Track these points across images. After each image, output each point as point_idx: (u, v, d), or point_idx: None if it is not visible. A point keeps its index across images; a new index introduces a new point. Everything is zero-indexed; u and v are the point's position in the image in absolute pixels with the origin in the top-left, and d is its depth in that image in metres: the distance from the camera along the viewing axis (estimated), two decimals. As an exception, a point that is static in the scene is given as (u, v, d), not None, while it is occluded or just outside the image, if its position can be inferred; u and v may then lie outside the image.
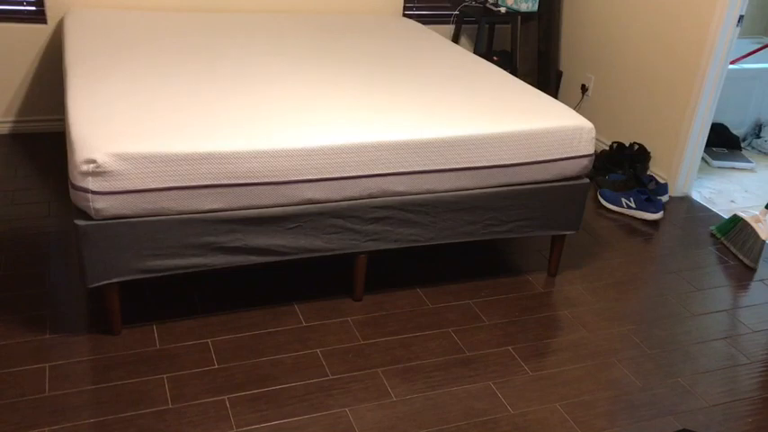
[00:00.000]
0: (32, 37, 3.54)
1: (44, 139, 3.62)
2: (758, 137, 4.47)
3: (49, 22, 3.54)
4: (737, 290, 2.87)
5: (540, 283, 2.76)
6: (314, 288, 2.59)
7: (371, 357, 2.27)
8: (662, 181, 3.61)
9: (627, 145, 3.76)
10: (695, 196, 3.68)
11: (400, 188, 2.36)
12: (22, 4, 3.49)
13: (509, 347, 2.38)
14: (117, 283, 2.15)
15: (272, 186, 2.19)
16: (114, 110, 2.24)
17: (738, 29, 3.31)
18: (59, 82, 3.62)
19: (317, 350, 2.27)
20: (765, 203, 3.18)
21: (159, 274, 2.17)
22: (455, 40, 4.31)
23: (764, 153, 4.38)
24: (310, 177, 2.22)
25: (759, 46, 4.57)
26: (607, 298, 2.72)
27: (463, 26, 4.35)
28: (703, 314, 2.68)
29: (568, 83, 4.35)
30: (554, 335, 2.47)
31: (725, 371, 2.37)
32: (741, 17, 3.28)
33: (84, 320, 2.31)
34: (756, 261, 3.04)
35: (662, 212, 3.38)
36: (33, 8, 3.51)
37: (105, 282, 2.12)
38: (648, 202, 3.36)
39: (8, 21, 3.48)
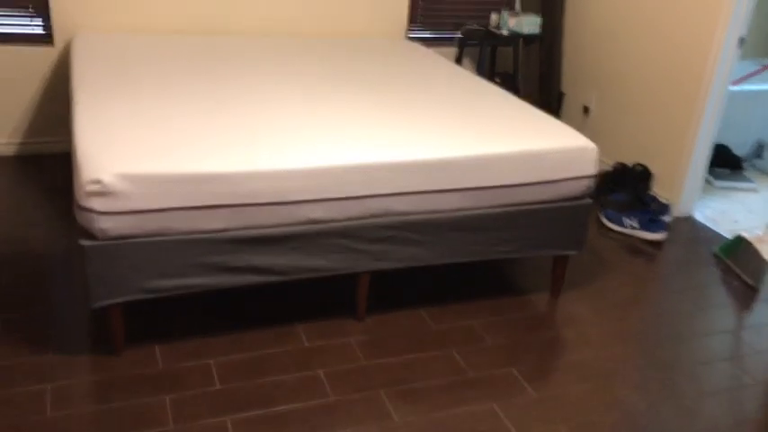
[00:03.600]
0: (40, 59, 3.58)
1: (50, 160, 3.64)
2: (760, 157, 4.48)
3: (56, 44, 3.58)
4: (741, 310, 2.86)
5: (543, 304, 2.75)
6: (316, 308, 2.58)
7: (374, 378, 2.26)
8: (665, 201, 3.61)
9: (629, 165, 3.77)
10: (698, 216, 3.68)
11: (403, 208, 2.37)
12: (29, 27, 3.54)
13: (512, 368, 2.37)
14: (120, 303, 2.15)
15: (276, 206, 2.20)
16: (120, 131, 2.26)
17: (739, 51, 3.33)
18: (66, 103, 3.65)
19: (320, 371, 2.27)
20: (768, 224, 3.19)
21: (163, 294, 2.17)
22: (458, 62, 4.35)
23: (766, 173, 4.39)
24: (314, 197, 2.23)
25: (760, 67, 4.59)
26: (611, 318, 2.71)
27: (466, 48, 4.38)
28: (708, 334, 2.67)
29: (570, 104, 4.37)
30: (558, 355, 2.46)
31: (730, 392, 2.35)
32: (742, 39, 3.30)
33: (86, 340, 2.31)
34: (760, 281, 3.03)
35: (665, 233, 3.38)
36: (41, 31, 3.55)
37: (109, 302, 2.12)
38: (651, 222, 3.36)
39: (16, 43, 3.52)
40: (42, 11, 3.51)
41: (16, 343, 2.27)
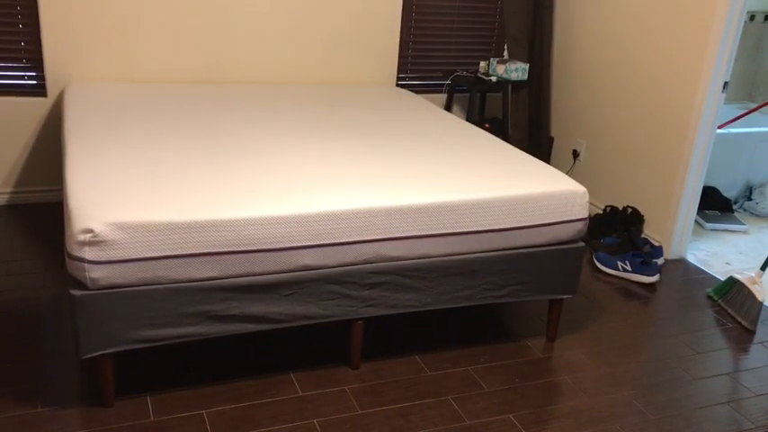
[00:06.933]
0: (32, 110, 3.60)
1: (41, 210, 3.63)
2: (749, 199, 4.52)
3: (49, 95, 3.60)
4: (738, 353, 2.85)
5: (539, 349, 2.73)
6: (310, 356, 2.55)
7: (370, 427, 2.22)
8: (656, 244, 3.63)
9: (620, 208, 3.79)
10: (690, 258, 3.69)
11: (396, 253, 2.37)
12: (23, 78, 3.56)
13: (510, 415, 2.33)
14: (110, 353, 2.12)
15: (268, 253, 2.19)
16: (112, 180, 2.27)
17: (723, 95, 3.39)
18: (58, 153, 3.66)
19: (314, 421, 2.23)
20: (761, 265, 3.19)
21: (154, 344, 2.14)
22: (447, 108, 4.40)
23: (756, 215, 4.43)
24: (306, 244, 2.23)
25: (744, 111, 4.68)
26: (607, 363, 2.69)
27: (455, 95, 4.44)
28: (704, 378, 2.65)
29: (560, 148, 4.42)
30: (555, 401, 2.43)
31: (730, 436, 2.33)
32: (726, 83, 3.37)
33: (76, 392, 2.26)
34: (755, 323, 3.03)
35: (658, 275, 3.38)
36: (34, 82, 3.58)
37: (99, 352, 2.09)
38: (644, 264, 3.36)
39: (9, 94, 3.54)
40: (36, 63, 3.55)
41: (4, 396, 2.22)
